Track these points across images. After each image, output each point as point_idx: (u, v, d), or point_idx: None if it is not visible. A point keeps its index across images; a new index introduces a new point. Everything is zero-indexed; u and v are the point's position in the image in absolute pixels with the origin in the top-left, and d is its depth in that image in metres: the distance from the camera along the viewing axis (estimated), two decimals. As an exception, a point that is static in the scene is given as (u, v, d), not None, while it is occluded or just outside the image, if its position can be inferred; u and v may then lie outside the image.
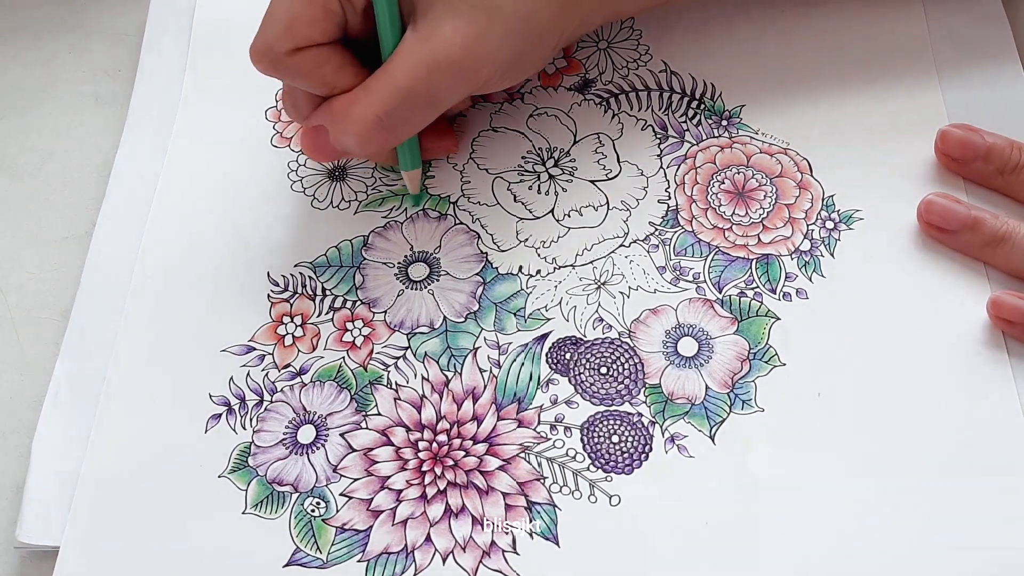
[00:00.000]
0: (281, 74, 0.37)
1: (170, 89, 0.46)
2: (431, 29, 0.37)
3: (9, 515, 0.38)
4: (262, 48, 0.37)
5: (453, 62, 0.37)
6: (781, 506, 0.35)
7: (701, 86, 0.45)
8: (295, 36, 0.36)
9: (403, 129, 0.38)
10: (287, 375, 0.39)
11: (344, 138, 0.38)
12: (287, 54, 0.37)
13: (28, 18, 0.50)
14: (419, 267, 0.41)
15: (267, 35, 0.37)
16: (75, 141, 0.47)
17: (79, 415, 0.39)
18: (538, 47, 0.39)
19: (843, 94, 0.44)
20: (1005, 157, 0.40)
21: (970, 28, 0.45)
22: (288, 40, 0.36)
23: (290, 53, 0.37)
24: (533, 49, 0.39)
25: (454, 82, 0.37)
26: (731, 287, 0.40)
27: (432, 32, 0.37)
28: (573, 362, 0.39)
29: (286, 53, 0.37)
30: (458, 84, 0.38)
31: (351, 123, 0.37)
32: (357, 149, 0.38)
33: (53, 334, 0.41)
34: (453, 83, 0.37)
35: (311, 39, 0.37)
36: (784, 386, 0.38)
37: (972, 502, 0.35)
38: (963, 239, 0.39)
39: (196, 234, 0.42)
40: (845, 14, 0.45)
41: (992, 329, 0.38)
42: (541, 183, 0.43)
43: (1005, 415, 0.36)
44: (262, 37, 0.37)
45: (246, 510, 0.37)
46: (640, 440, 0.37)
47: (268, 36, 0.37)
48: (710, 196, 0.42)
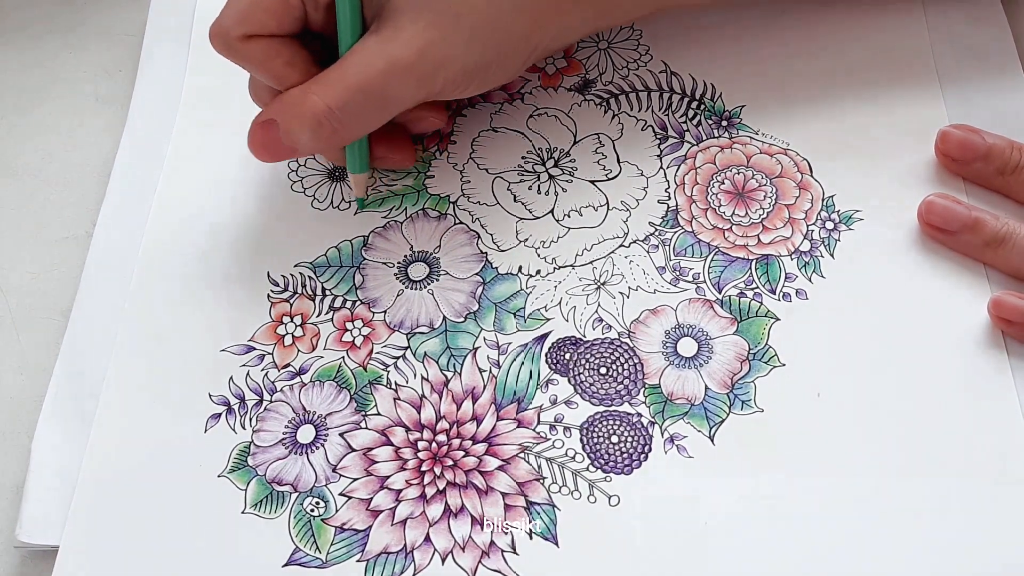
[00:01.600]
0: (233, 58, 0.38)
1: (170, 89, 0.46)
2: (391, 30, 0.37)
3: (9, 515, 0.38)
4: (217, 29, 0.37)
5: (408, 64, 0.37)
6: (780, 506, 0.35)
7: (701, 87, 0.45)
8: (249, 22, 0.37)
9: (354, 127, 0.38)
10: (287, 375, 0.39)
11: (294, 131, 0.37)
12: (239, 39, 0.37)
13: (28, 18, 0.50)
14: (419, 267, 0.41)
15: (225, 17, 0.37)
16: (75, 141, 0.47)
17: (79, 415, 0.39)
18: (506, 57, 0.39)
19: (843, 95, 0.44)
20: (1005, 158, 0.40)
21: (970, 30, 0.45)
22: (242, 25, 0.37)
23: (243, 39, 0.37)
24: (500, 59, 0.39)
25: (408, 84, 0.37)
26: (731, 287, 0.40)
27: (392, 34, 0.37)
28: (573, 362, 0.39)
29: (238, 38, 0.37)
30: (412, 87, 0.37)
31: (302, 115, 0.37)
32: (307, 142, 0.38)
33: (53, 334, 0.41)
34: (407, 85, 0.37)
35: (266, 28, 0.37)
36: (784, 386, 0.38)
37: (972, 502, 0.35)
38: (963, 240, 0.39)
39: (196, 234, 0.42)
40: (846, 15, 0.45)
41: (992, 329, 0.38)
42: (541, 183, 0.43)
43: (1005, 415, 0.36)
44: (220, 18, 0.37)
45: (245, 510, 0.37)
46: (639, 440, 0.37)
47: (225, 18, 0.37)
48: (710, 196, 0.42)
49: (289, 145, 0.38)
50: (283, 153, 0.39)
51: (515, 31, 0.38)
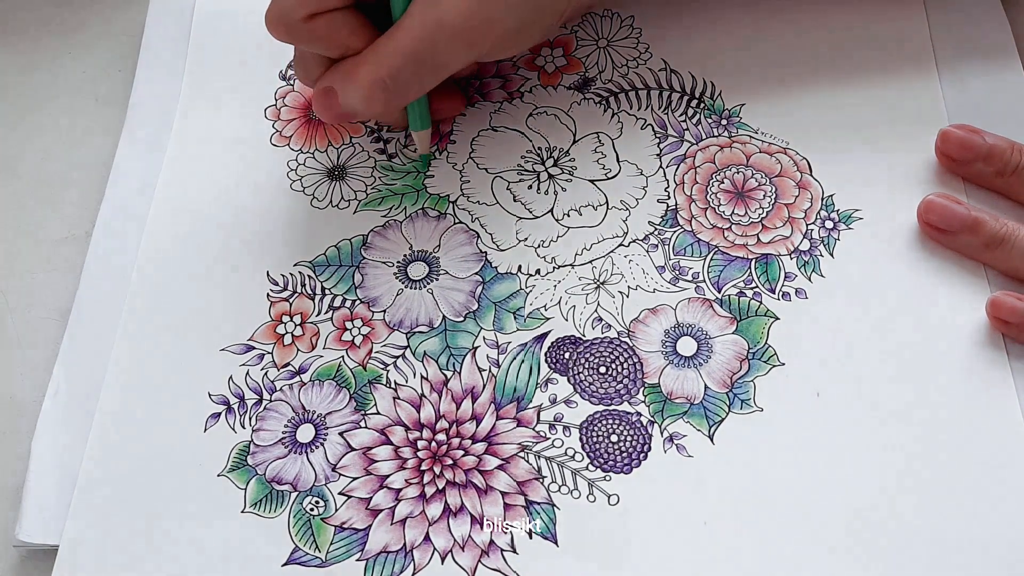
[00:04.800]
0: (297, 40, 0.39)
1: (170, 89, 0.46)
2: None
3: (9, 515, 0.38)
4: (278, 14, 0.38)
5: (458, 28, 0.38)
6: (780, 506, 0.35)
7: (701, 85, 0.45)
8: (310, 2, 0.37)
9: (409, 91, 0.39)
10: (286, 374, 0.39)
11: (351, 99, 0.39)
12: (303, 20, 0.38)
13: (28, 19, 0.50)
14: (418, 266, 0.41)
15: (282, 2, 0.38)
16: (75, 141, 0.47)
17: (79, 415, 0.39)
18: (544, 15, 0.40)
19: (843, 94, 0.44)
20: (1005, 159, 0.40)
21: (970, 28, 0.45)
22: (303, 6, 0.37)
23: (305, 19, 0.38)
24: (538, 17, 0.40)
25: (459, 47, 0.38)
26: (730, 287, 0.40)
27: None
28: (572, 361, 0.39)
29: (302, 19, 0.37)
30: (463, 49, 0.39)
31: (358, 84, 0.38)
32: (363, 109, 0.39)
33: (53, 334, 0.41)
34: (458, 48, 0.38)
35: (326, 4, 0.38)
36: (783, 386, 0.38)
37: (972, 501, 0.35)
38: (963, 240, 0.39)
39: (195, 233, 0.43)
40: (846, 13, 0.45)
41: (991, 329, 0.38)
42: (540, 182, 0.43)
43: (1005, 415, 0.36)
44: (277, 4, 0.38)
45: (245, 509, 0.37)
46: (639, 439, 0.37)
47: (284, 3, 0.38)
48: (709, 196, 0.42)
49: (348, 111, 0.39)
50: (344, 117, 0.40)
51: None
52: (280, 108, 0.46)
